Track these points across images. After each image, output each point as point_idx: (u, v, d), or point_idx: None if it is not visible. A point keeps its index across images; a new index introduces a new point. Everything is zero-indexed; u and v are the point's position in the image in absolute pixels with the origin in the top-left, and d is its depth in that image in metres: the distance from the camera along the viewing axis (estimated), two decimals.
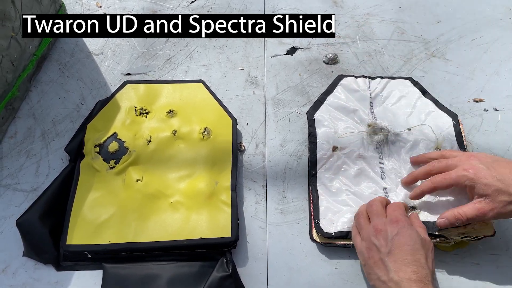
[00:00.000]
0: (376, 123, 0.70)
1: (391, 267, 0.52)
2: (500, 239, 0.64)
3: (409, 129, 0.70)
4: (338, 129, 0.70)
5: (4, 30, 0.66)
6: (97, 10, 0.87)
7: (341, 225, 0.62)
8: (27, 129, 0.73)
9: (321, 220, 0.63)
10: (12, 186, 0.67)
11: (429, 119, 0.71)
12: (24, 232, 0.61)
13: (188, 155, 0.68)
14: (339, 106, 0.72)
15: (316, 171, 0.67)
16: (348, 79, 0.75)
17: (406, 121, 0.71)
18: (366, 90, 0.74)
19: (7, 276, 0.60)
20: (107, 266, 0.60)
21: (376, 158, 0.68)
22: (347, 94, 0.74)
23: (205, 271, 0.59)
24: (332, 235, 0.61)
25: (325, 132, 0.69)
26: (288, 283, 0.61)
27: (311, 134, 0.69)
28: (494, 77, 0.80)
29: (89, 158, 0.67)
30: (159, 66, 0.81)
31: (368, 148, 0.68)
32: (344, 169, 0.67)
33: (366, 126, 0.70)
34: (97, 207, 0.63)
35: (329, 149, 0.68)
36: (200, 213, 0.63)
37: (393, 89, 0.75)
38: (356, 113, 0.71)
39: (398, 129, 0.69)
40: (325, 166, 0.67)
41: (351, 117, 0.71)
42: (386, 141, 0.69)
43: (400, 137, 0.69)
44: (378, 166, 0.68)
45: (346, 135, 0.68)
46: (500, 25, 0.88)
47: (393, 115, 0.72)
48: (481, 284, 0.61)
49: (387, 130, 0.69)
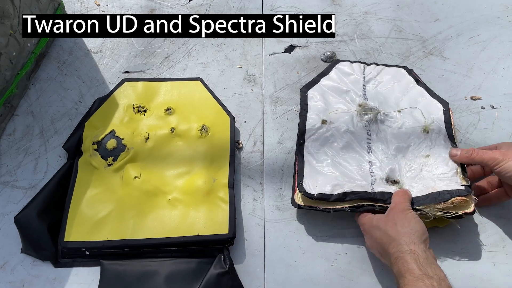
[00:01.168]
0: (367, 103, 0.71)
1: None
2: (497, 236, 0.64)
3: (399, 111, 0.71)
4: (330, 106, 0.71)
5: (3, 28, 0.66)
6: (96, 8, 0.87)
7: (324, 187, 0.62)
8: (25, 127, 0.73)
9: (305, 181, 0.64)
10: (10, 183, 0.67)
11: (420, 104, 0.72)
12: (22, 229, 0.61)
13: (186, 153, 0.69)
14: (333, 87, 0.74)
15: (304, 141, 0.68)
16: (344, 64, 0.78)
17: (397, 104, 0.72)
18: (360, 74, 0.76)
19: (5, 272, 0.60)
20: (105, 262, 0.60)
21: (364, 133, 0.69)
22: (341, 77, 0.75)
23: (202, 267, 0.60)
24: (314, 196, 0.61)
25: (316, 106, 0.71)
26: (285, 279, 0.61)
27: (302, 108, 0.71)
28: (492, 75, 0.81)
29: (87, 155, 0.67)
30: (157, 64, 0.81)
31: (357, 125, 0.70)
32: (332, 141, 0.68)
33: (357, 105, 0.71)
34: (95, 204, 0.63)
35: (319, 121, 0.69)
36: (198, 210, 0.63)
37: (387, 76, 0.76)
38: (348, 93, 0.73)
39: (388, 110, 0.71)
40: (313, 136, 0.68)
41: (343, 97, 0.73)
42: (375, 120, 0.70)
43: (389, 117, 0.71)
44: (365, 141, 0.69)
45: (336, 112, 0.70)
46: (497, 23, 0.88)
47: (384, 98, 0.73)
48: (478, 281, 0.61)
49: (377, 110, 0.70)
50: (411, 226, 0.55)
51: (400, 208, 0.58)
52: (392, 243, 0.54)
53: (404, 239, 0.53)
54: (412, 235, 0.54)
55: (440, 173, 0.64)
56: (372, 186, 0.63)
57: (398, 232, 0.54)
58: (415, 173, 0.66)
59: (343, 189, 0.62)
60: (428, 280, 0.49)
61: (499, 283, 0.61)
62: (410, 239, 0.53)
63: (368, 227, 0.59)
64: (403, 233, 0.54)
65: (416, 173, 0.66)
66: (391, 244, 0.54)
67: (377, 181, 0.64)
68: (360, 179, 0.64)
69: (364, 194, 0.61)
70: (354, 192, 0.61)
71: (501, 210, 0.67)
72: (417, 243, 0.53)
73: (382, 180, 0.65)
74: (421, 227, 0.55)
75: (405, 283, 0.50)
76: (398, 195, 0.61)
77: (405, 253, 0.52)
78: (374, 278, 0.61)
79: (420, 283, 0.49)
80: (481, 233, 0.65)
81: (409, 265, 0.51)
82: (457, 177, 0.63)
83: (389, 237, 0.55)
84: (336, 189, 0.62)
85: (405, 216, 0.56)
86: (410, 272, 0.50)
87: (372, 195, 0.62)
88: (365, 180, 0.64)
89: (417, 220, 0.56)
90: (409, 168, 0.66)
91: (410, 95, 0.74)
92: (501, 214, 0.66)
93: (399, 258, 0.52)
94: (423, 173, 0.65)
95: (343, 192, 0.61)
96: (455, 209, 0.60)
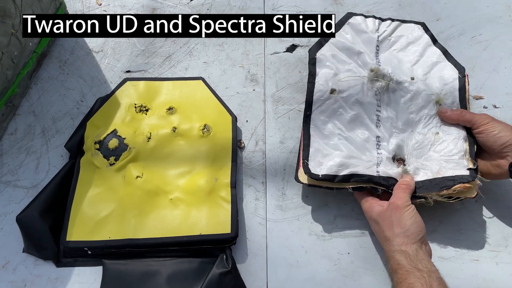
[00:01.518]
0: (379, 69, 0.67)
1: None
2: (499, 235, 0.64)
3: (412, 79, 0.68)
4: (340, 71, 0.67)
5: (4, 27, 0.66)
6: (97, 8, 0.87)
7: (329, 168, 0.61)
8: (27, 126, 0.73)
9: (310, 161, 0.62)
10: (12, 183, 0.67)
11: (435, 69, 0.69)
12: (24, 228, 0.61)
13: (188, 152, 0.68)
14: (344, 46, 0.69)
15: (311, 112, 0.65)
16: (358, 18, 0.73)
17: (410, 70, 0.69)
18: (374, 32, 0.71)
19: (7, 272, 0.60)
20: (107, 262, 0.60)
21: (373, 105, 0.67)
22: (353, 35, 0.70)
23: (205, 267, 0.59)
24: (319, 177, 0.61)
25: (325, 73, 0.67)
26: (287, 279, 0.61)
27: (311, 73, 0.67)
28: (494, 74, 0.80)
29: (89, 154, 0.67)
30: (159, 63, 0.81)
31: (367, 94, 0.67)
32: (340, 113, 0.66)
33: (369, 70, 0.67)
34: (97, 203, 0.63)
35: (327, 91, 0.66)
36: (199, 210, 0.63)
37: (402, 34, 0.72)
38: (360, 56, 0.69)
39: (401, 77, 0.67)
40: (321, 108, 0.66)
41: (355, 60, 0.69)
42: (386, 89, 0.67)
43: (402, 86, 0.67)
44: (374, 113, 0.66)
45: (346, 79, 0.66)
46: (499, 22, 0.88)
47: (398, 61, 0.69)
48: (481, 281, 0.61)
49: (390, 77, 0.67)
50: (406, 228, 0.56)
51: (398, 204, 0.58)
52: (386, 242, 0.57)
53: (397, 240, 0.56)
54: (406, 237, 0.56)
55: (447, 154, 0.63)
56: (377, 167, 0.63)
57: (393, 233, 0.56)
58: (422, 152, 0.65)
59: (349, 169, 0.61)
60: (418, 272, 0.52)
61: (502, 282, 0.61)
62: (403, 240, 0.56)
63: (368, 217, 0.62)
64: (397, 234, 0.56)
65: (423, 152, 0.65)
66: (385, 242, 0.58)
67: (383, 160, 0.64)
68: (366, 159, 0.63)
69: (369, 178, 0.61)
70: (359, 175, 0.61)
71: (504, 209, 0.67)
72: (409, 244, 0.55)
73: (388, 160, 0.64)
74: (416, 227, 0.57)
75: (398, 277, 0.53)
76: (400, 189, 0.60)
77: (396, 252, 0.55)
78: (377, 278, 0.61)
79: (411, 275, 0.52)
80: (483, 232, 0.65)
81: (400, 262, 0.54)
82: (464, 160, 0.62)
83: (384, 236, 0.58)
84: (342, 170, 0.61)
85: (402, 215, 0.57)
86: (401, 267, 0.53)
87: (376, 179, 0.61)
88: (371, 159, 0.63)
89: (413, 219, 0.57)
90: (417, 145, 0.65)
91: (426, 58, 0.70)
92: (503, 213, 0.66)
93: (391, 257, 0.56)
94: (430, 152, 0.64)
95: (348, 174, 0.61)
96: (457, 194, 0.60)
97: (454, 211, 0.66)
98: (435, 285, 0.51)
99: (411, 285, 0.51)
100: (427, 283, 0.51)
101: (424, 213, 0.64)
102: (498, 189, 0.68)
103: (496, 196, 0.68)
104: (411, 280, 0.51)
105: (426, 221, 0.59)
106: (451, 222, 0.65)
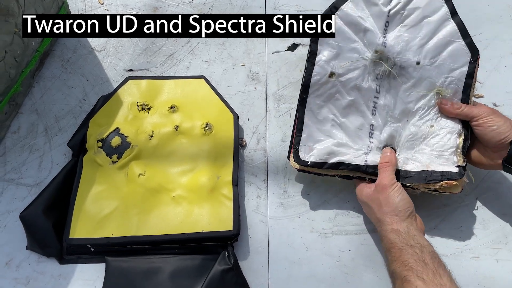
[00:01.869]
0: (384, 51, 0.64)
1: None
2: (500, 233, 0.65)
3: (417, 63, 0.64)
4: (342, 50, 0.64)
5: (8, 26, 0.66)
6: (99, 7, 0.88)
7: (319, 155, 0.63)
8: (30, 125, 0.73)
9: (301, 147, 0.64)
10: (15, 181, 0.68)
11: (445, 52, 0.64)
12: (28, 226, 0.61)
13: (190, 150, 0.69)
14: (351, 21, 0.64)
15: (307, 96, 0.64)
16: None
17: (418, 52, 0.64)
18: (386, 5, 0.64)
19: (10, 269, 0.61)
20: (110, 259, 0.60)
21: (372, 91, 0.65)
22: (363, 7, 0.64)
23: (207, 264, 0.60)
24: (308, 164, 0.63)
25: (327, 53, 0.64)
26: (289, 276, 0.61)
27: (311, 52, 0.64)
28: (494, 73, 0.81)
29: (91, 153, 0.67)
30: (161, 62, 0.81)
31: (367, 78, 0.64)
32: (336, 98, 0.65)
33: (373, 51, 0.64)
34: (100, 201, 0.63)
35: (326, 74, 0.63)
36: (202, 207, 0.63)
37: (418, 6, 0.64)
38: (367, 34, 0.64)
39: (406, 62, 0.64)
40: (318, 92, 0.64)
41: (360, 37, 0.64)
42: (388, 74, 0.64)
43: (404, 72, 0.64)
44: (372, 100, 0.65)
45: (347, 65, 0.64)
46: (500, 21, 0.88)
47: (407, 41, 0.64)
48: (481, 278, 0.61)
49: (393, 61, 0.64)
50: (394, 205, 0.58)
51: (384, 184, 0.60)
52: (378, 223, 0.59)
53: (388, 220, 0.58)
54: (395, 215, 0.57)
55: (439, 149, 0.64)
56: (366, 156, 0.64)
57: (383, 213, 0.58)
58: (414, 144, 0.65)
59: (337, 158, 0.63)
60: (410, 249, 0.53)
61: (502, 279, 0.61)
62: (393, 219, 0.57)
63: (360, 201, 0.64)
64: (387, 214, 0.58)
65: (415, 144, 0.65)
66: (377, 223, 0.60)
67: (373, 149, 0.65)
68: (356, 147, 0.65)
69: (356, 167, 0.63)
70: (347, 164, 0.63)
71: (504, 207, 0.67)
72: (399, 222, 0.57)
73: (378, 149, 0.65)
74: (404, 204, 0.58)
75: (392, 255, 0.54)
76: (383, 168, 0.62)
77: (388, 232, 0.57)
78: (378, 275, 0.61)
79: (404, 252, 0.53)
80: (484, 229, 0.65)
81: (392, 241, 0.55)
82: (454, 156, 0.63)
83: (375, 217, 0.60)
84: (331, 157, 0.63)
85: (389, 195, 0.59)
86: (394, 246, 0.55)
87: (364, 168, 0.63)
88: (362, 148, 0.65)
89: (401, 196, 0.59)
90: (410, 137, 0.65)
91: (438, 36, 0.64)
92: (504, 211, 0.67)
93: (383, 236, 0.57)
94: (422, 145, 0.65)
95: (336, 162, 0.63)
96: (442, 190, 0.62)
97: (455, 208, 0.67)
98: (428, 259, 0.52)
99: (405, 262, 0.52)
100: (419, 259, 0.52)
101: (424, 210, 0.65)
102: (499, 186, 0.69)
103: (496, 193, 0.68)
104: (404, 257, 0.53)
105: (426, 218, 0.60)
106: (452, 220, 0.66)
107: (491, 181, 0.69)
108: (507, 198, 0.68)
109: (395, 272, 0.53)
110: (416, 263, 0.51)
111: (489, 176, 0.69)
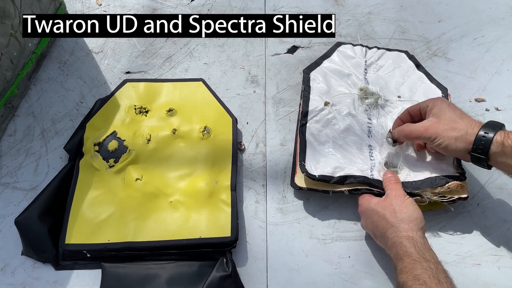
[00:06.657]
0: (368, 88, 0.73)
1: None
2: (501, 239, 0.64)
3: (399, 97, 0.73)
4: (332, 88, 0.73)
5: (4, 28, 0.65)
6: (97, 8, 0.87)
7: (325, 169, 0.64)
8: (26, 127, 0.72)
9: (307, 162, 0.65)
10: (11, 185, 0.67)
11: (420, 90, 0.73)
12: (23, 231, 0.60)
13: (188, 154, 0.68)
14: (334, 69, 0.75)
15: (306, 121, 0.69)
16: (346, 46, 0.79)
17: (397, 89, 0.74)
18: (362, 58, 0.77)
19: (5, 275, 0.60)
20: (106, 265, 0.60)
21: (365, 117, 0.71)
22: (343, 60, 0.77)
23: (204, 270, 0.59)
24: (316, 177, 0.63)
25: (319, 88, 0.72)
26: (288, 283, 0.60)
27: (305, 89, 0.72)
28: (496, 76, 0.80)
29: (88, 156, 0.66)
30: (159, 64, 0.80)
31: (358, 109, 0.71)
32: (334, 123, 0.69)
33: (358, 89, 0.73)
34: (96, 206, 0.63)
35: (321, 103, 0.70)
36: (199, 213, 0.62)
37: (388, 60, 0.78)
38: (350, 77, 0.74)
39: (389, 96, 0.73)
40: (316, 118, 0.69)
41: (345, 81, 0.74)
42: (376, 105, 0.72)
43: (389, 103, 0.73)
44: (366, 124, 0.70)
45: (338, 96, 0.72)
46: (502, 24, 0.87)
47: (385, 82, 0.74)
48: (482, 285, 0.60)
49: (378, 94, 0.72)
50: (409, 213, 0.57)
51: (397, 194, 0.59)
52: (390, 229, 0.56)
53: (403, 226, 0.55)
54: (410, 223, 0.56)
55: (437, 162, 0.66)
56: (371, 171, 0.66)
57: (397, 219, 0.56)
58: (412, 160, 0.67)
59: (344, 171, 0.64)
60: (425, 262, 0.51)
61: (504, 287, 0.60)
62: (409, 226, 0.55)
63: (366, 209, 0.61)
64: (402, 220, 0.56)
65: (413, 160, 0.67)
66: (389, 229, 0.56)
67: (376, 165, 0.67)
68: (360, 163, 0.66)
69: (364, 179, 0.64)
70: (354, 176, 0.64)
71: (506, 213, 0.66)
72: (415, 230, 0.55)
73: (381, 165, 0.67)
74: (419, 214, 0.57)
75: (404, 266, 0.52)
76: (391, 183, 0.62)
77: (403, 238, 0.54)
78: (378, 282, 0.61)
79: (418, 265, 0.51)
80: (485, 236, 0.64)
81: (407, 249, 0.53)
82: (452, 167, 0.65)
83: (388, 222, 0.57)
84: (337, 172, 0.64)
85: (403, 203, 0.58)
86: (409, 256, 0.52)
87: (371, 180, 0.64)
88: (365, 164, 0.66)
89: (415, 206, 0.58)
90: (406, 154, 0.68)
91: (410, 80, 0.75)
92: (506, 217, 0.66)
93: (397, 243, 0.54)
94: (421, 161, 0.67)
95: (343, 175, 0.64)
96: (450, 193, 0.63)
97: (456, 215, 0.66)
98: (442, 277, 0.50)
99: (418, 276, 0.50)
100: (434, 275, 0.49)
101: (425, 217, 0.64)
102: (500, 192, 0.68)
103: (498, 200, 0.67)
104: (417, 271, 0.50)
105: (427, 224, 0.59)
106: (453, 227, 0.65)
107: (493, 187, 0.68)
108: (508, 205, 0.67)
109: (406, 284, 0.50)
110: (430, 279, 0.49)
111: (490, 181, 0.69)
